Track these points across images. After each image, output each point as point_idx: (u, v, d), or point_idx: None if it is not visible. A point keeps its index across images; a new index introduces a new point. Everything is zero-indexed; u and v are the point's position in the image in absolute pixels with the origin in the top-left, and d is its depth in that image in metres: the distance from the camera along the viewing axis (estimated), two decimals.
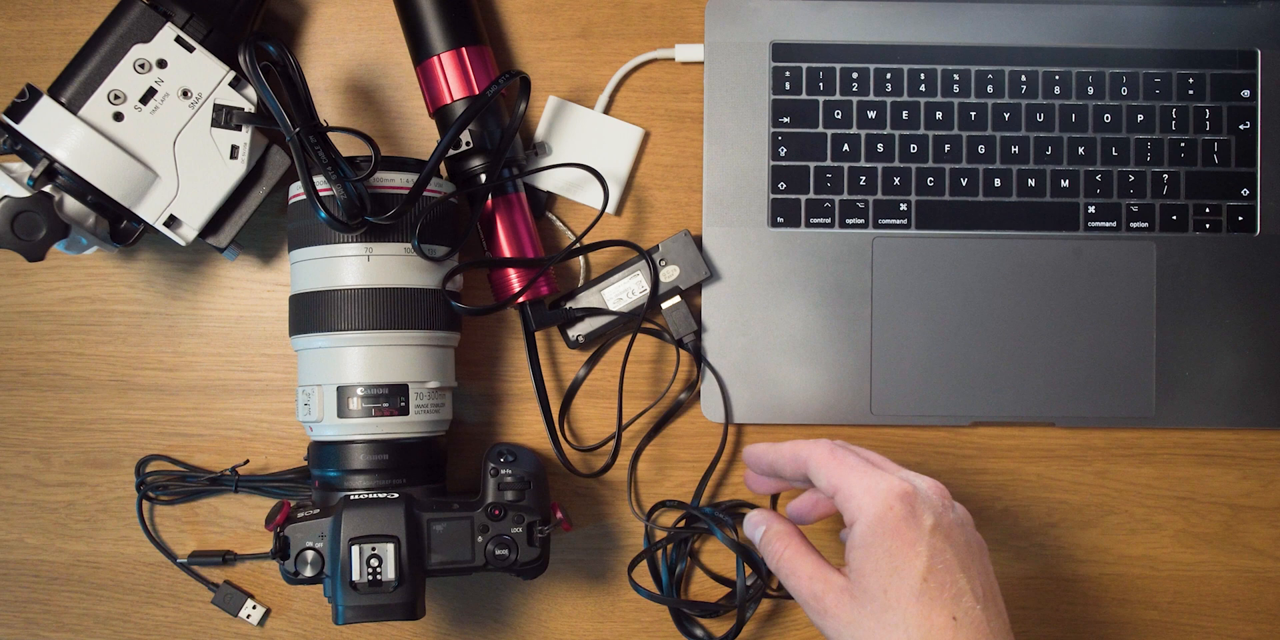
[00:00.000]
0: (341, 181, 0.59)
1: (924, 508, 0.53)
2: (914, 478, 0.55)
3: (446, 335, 0.64)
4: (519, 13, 0.71)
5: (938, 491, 0.54)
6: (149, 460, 0.69)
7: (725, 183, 0.69)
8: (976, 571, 0.53)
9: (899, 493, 0.53)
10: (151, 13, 0.61)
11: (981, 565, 0.54)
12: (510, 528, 0.60)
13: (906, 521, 0.52)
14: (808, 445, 0.57)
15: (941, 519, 0.53)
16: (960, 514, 0.55)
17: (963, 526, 0.54)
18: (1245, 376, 0.69)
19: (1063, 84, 0.70)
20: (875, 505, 0.52)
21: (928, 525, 0.52)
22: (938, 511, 0.53)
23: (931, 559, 0.51)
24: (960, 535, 0.53)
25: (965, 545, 0.53)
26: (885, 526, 0.52)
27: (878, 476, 0.54)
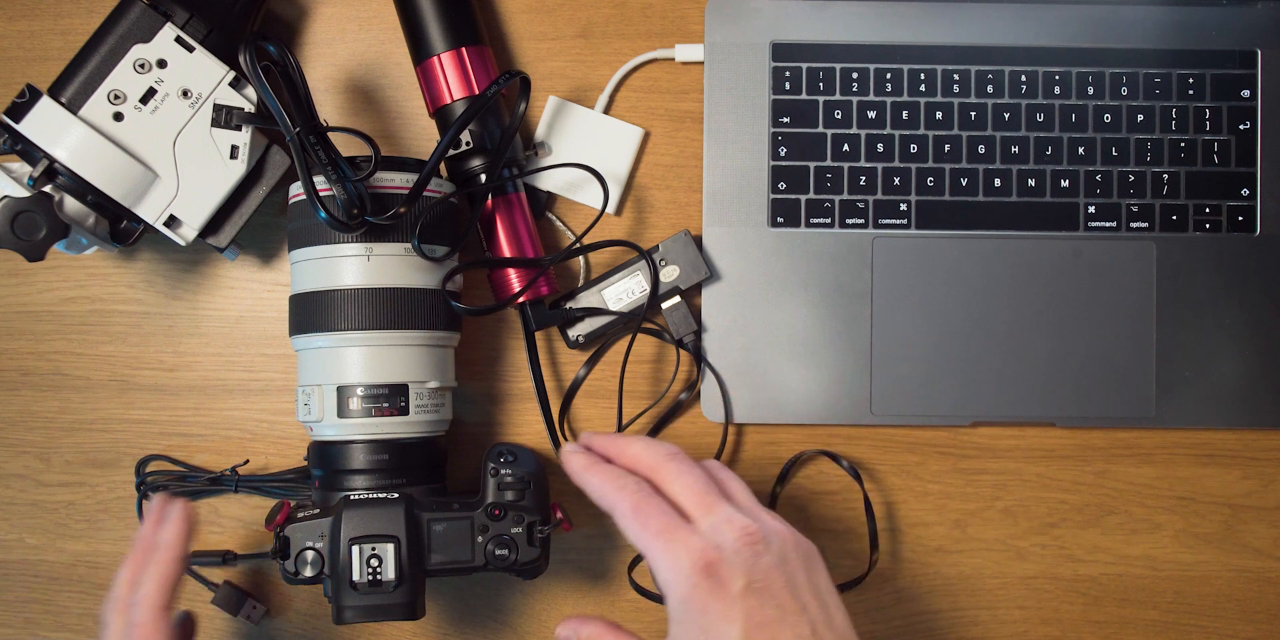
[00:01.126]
0: (341, 181, 0.59)
1: (730, 572, 0.51)
2: (721, 529, 0.52)
3: (446, 335, 0.64)
4: (519, 13, 0.71)
5: (748, 541, 0.52)
6: (149, 460, 0.69)
7: (725, 183, 0.69)
8: (802, 604, 0.51)
9: (701, 566, 0.51)
10: (151, 13, 0.61)
11: (812, 586, 0.53)
12: (510, 528, 0.60)
13: (713, 594, 0.50)
14: (613, 492, 0.54)
15: (754, 574, 0.51)
16: (778, 547, 0.52)
17: (781, 564, 0.52)
18: (1245, 376, 0.69)
19: (1063, 84, 0.70)
20: (679, 584, 0.51)
21: (737, 590, 0.50)
22: (748, 567, 0.51)
23: (747, 623, 0.50)
24: (779, 577, 0.51)
25: (786, 585, 0.51)
26: (693, 605, 0.51)
27: (678, 548, 0.51)
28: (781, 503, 0.70)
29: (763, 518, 0.54)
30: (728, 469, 0.57)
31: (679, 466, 0.55)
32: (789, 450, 0.70)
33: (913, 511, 0.70)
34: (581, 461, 0.56)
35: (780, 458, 0.70)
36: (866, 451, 0.70)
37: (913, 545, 0.70)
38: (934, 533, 0.70)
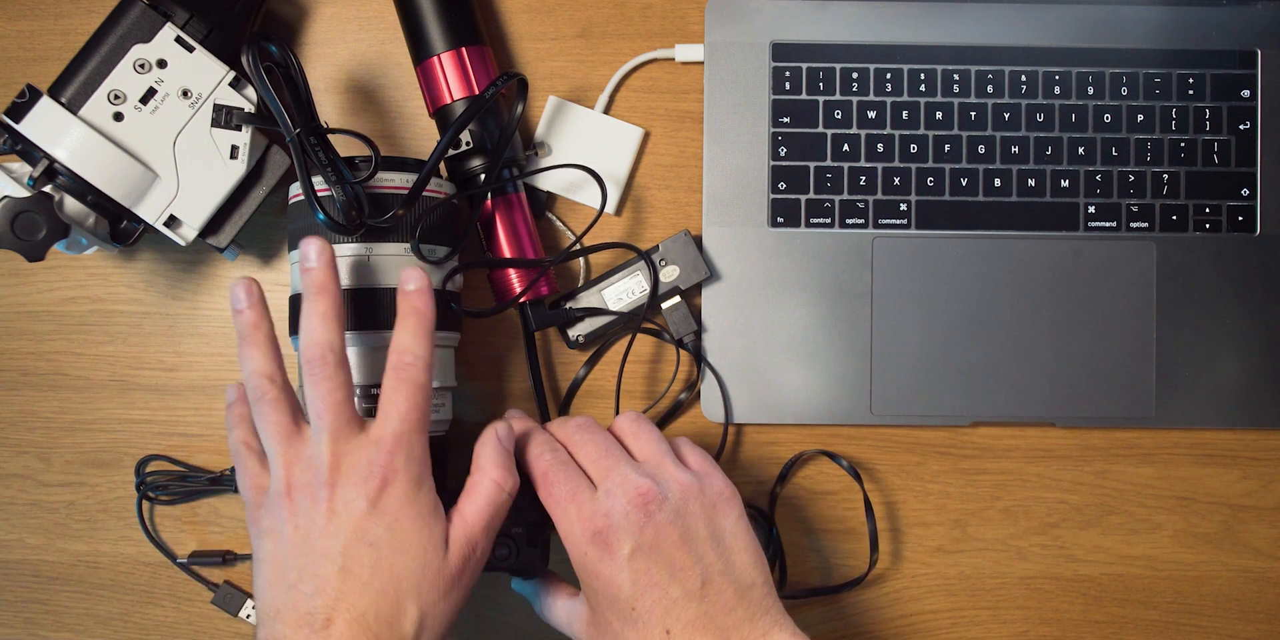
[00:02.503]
0: (340, 183, 0.59)
1: (619, 538, 0.54)
2: (615, 493, 0.55)
3: (446, 336, 0.64)
4: (519, 13, 0.71)
5: (639, 502, 0.54)
6: (149, 460, 0.69)
7: (725, 183, 0.69)
8: (697, 556, 0.54)
9: (589, 536, 0.54)
10: (151, 13, 0.61)
11: (713, 535, 0.55)
12: (510, 528, 0.60)
13: (603, 561, 0.54)
14: (531, 459, 0.58)
15: (642, 537, 0.54)
16: (676, 501, 0.55)
17: (677, 518, 0.55)
18: (1245, 376, 0.69)
19: (1063, 84, 0.70)
20: (575, 551, 0.55)
21: (624, 554, 0.54)
22: (636, 530, 0.54)
23: (634, 586, 0.54)
24: (673, 532, 0.54)
25: (681, 539, 0.54)
26: (588, 570, 0.55)
27: (573, 515, 0.55)
28: (781, 503, 0.70)
29: (663, 470, 0.56)
30: (638, 420, 0.59)
31: (584, 434, 0.58)
32: (789, 450, 0.70)
33: (913, 511, 0.70)
34: (503, 431, 0.58)
35: (780, 458, 0.70)
36: (866, 451, 0.70)
37: (913, 545, 0.70)
38: (934, 533, 0.70)
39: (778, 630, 0.54)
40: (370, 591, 0.52)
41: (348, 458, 0.54)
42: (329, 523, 0.53)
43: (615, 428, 0.60)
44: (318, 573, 0.53)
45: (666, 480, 0.56)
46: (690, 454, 0.59)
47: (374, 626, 0.52)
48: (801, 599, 0.70)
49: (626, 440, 0.59)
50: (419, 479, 0.54)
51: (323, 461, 0.54)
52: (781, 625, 0.55)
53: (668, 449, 0.58)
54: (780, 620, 0.55)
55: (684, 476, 0.56)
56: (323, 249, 0.57)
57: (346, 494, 0.53)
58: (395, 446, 0.54)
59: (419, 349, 0.56)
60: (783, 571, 0.69)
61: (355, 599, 0.52)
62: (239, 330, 0.57)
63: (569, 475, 0.56)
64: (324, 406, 0.54)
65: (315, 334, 0.55)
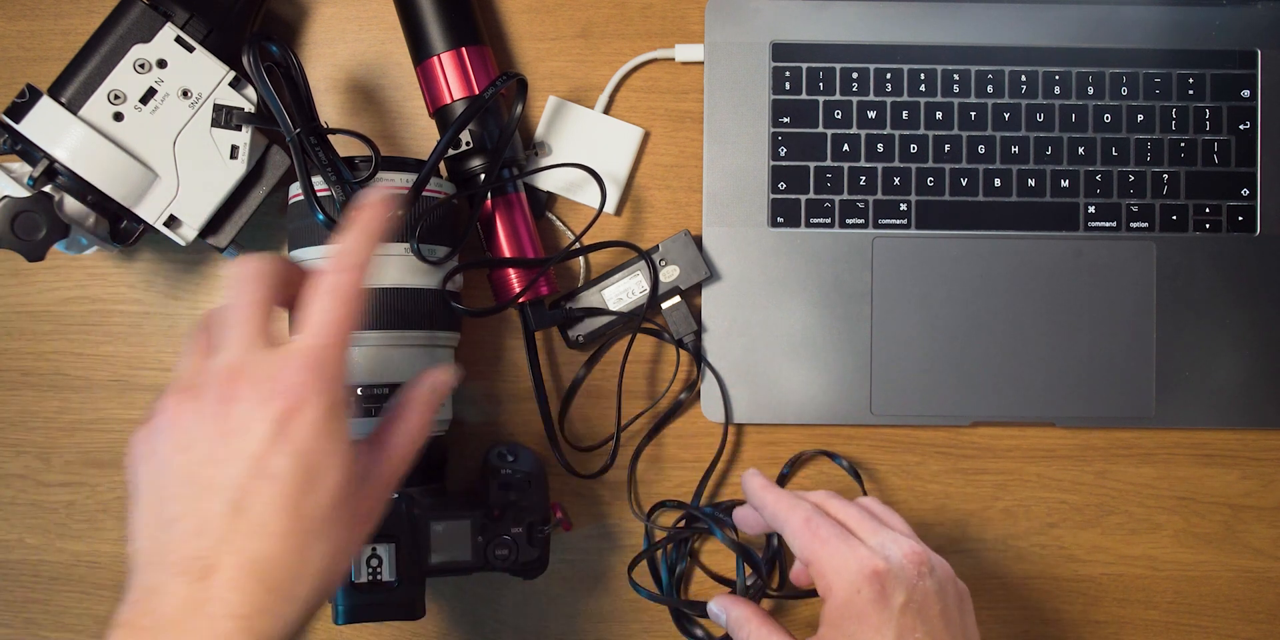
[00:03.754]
0: (340, 183, 0.59)
1: (894, 586, 0.52)
2: (889, 546, 0.53)
3: (446, 336, 0.64)
4: (519, 13, 0.71)
5: (914, 560, 0.53)
6: None
7: (725, 183, 0.69)
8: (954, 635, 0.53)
9: (868, 573, 0.52)
10: (151, 13, 0.61)
11: (963, 624, 0.54)
12: (510, 528, 0.60)
13: (874, 604, 0.51)
14: (785, 510, 0.56)
15: (914, 594, 0.52)
16: (940, 576, 0.54)
17: (940, 592, 0.53)
18: (1245, 376, 0.69)
19: (1063, 84, 0.70)
20: (843, 588, 0.52)
21: (897, 605, 0.51)
22: (910, 586, 0.52)
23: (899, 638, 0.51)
24: (936, 603, 0.52)
25: (941, 613, 0.52)
26: (852, 610, 0.52)
27: (848, 554, 0.53)
28: None
29: (927, 547, 0.55)
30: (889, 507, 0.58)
31: (840, 501, 0.57)
32: (789, 450, 0.70)
33: (913, 511, 0.70)
34: (760, 481, 0.59)
35: (780, 458, 0.70)
36: (866, 451, 0.70)
37: None
38: (934, 533, 0.70)
39: None
40: (267, 535, 0.44)
41: (251, 369, 0.45)
42: (220, 446, 0.44)
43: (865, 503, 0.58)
44: (202, 507, 0.44)
45: (930, 553, 0.54)
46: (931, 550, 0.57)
47: (270, 576, 0.43)
48: (802, 599, 0.70)
49: (882, 516, 0.57)
50: (334, 404, 0.45)
51: (220, 370, 0.45)
52: None
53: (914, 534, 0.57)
54: None
55: (941, 560, 0.55)
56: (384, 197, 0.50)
57: (245, 414, 0.44)
58: (311, 363, 0.45)
59: (357, 257, 0.48)
60: (783, 572, 0.69)
61: (246, 542, 0.43)
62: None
63: (833, 524, 0.55)
64: (242, 304, 0.47)
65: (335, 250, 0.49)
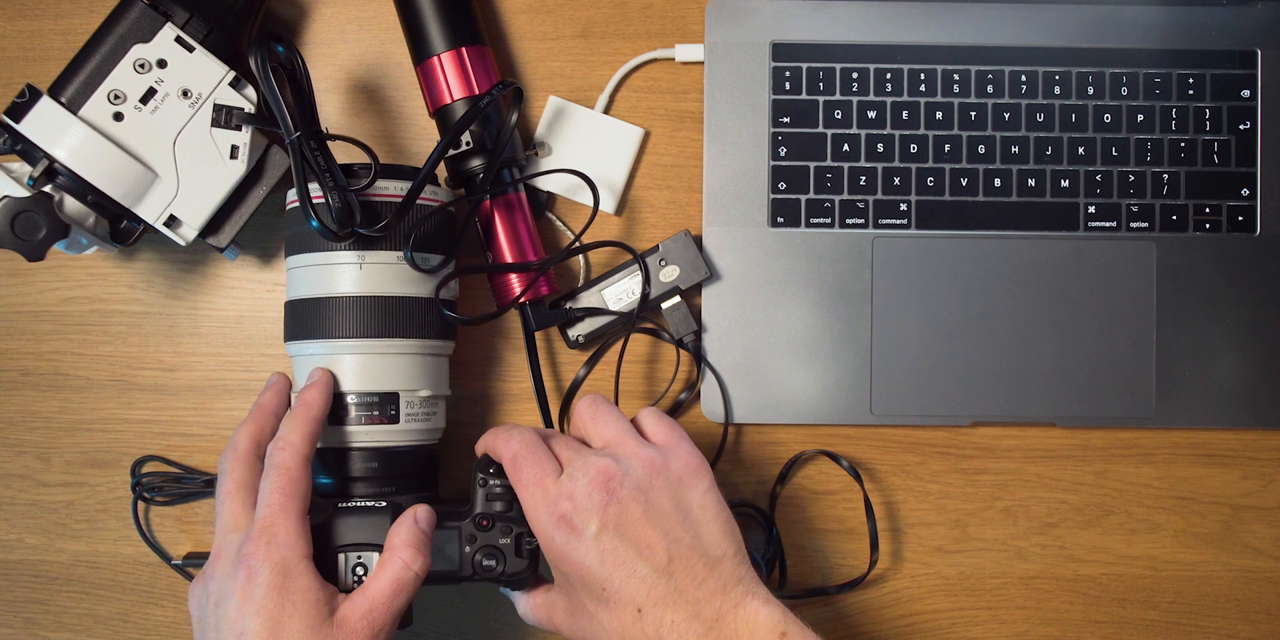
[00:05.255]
0: (336, 190, 0.59)
1: (583, 519, 0.54)
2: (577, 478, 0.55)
3: (440, 344, 0.63)
4: (519, 13, 0.71)
5: (600, 482, 0.55)
6: (144, 461, 0.69)
7: (725, 183, 0.69)
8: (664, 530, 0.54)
9: (555, 519, 0.55)
10: (151, 13, 0.61)
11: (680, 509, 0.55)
12: (498, 538, 0.60)
13: (569, 545, 0.54)
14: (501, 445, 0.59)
15: (606, 516, 0.54)
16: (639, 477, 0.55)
17: (639, 494, 0.55)
18: (1245, 376, 0.69)
19: (1063, 84, 0.70)
20: (543, 536, 0.56)
21: (590, 534, 0.54)
22: (600, 511, 0.54)
23: (602, 567, 0.54)
24: (638, 507, 0.54)
25: (645, 513, 0.54)
26: (555, 555, 0.56)
27: (539, 498, 0.56)
28: (781, 503, 0.70)
29: (624, 449, 0.57)
30: (596, 404, 0.59)
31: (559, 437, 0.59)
32: (789, 450, 0.70)
33: (913, 511, 0.70)
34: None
35: (780, 458, 0.70)
36: (866, 451, 0.70)
37: (913, 545, 0.70)
38: (934, 533, 0.70)
39: (750, 599, 0.54)
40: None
41: (225, 550, 0.56)
42: (213, 615, 0.54)
43: (575, 418, 0.60)
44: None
45: (628, 458, 0.56)
46: (656, 427, 0.59)
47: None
48: (802, 599, 0.70)
49: (586, 428, 0.59)
50: (286, 563, 0.54)
51: (211, 556, 0.56)
52: (754, 593, 0.55)
53: (628, 427, 0.58)
54: (754, 589, 0.55)
55: (646, 452, 0.56)
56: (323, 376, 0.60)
57: (221, 587, 0.54)
58: (259, 534, 0.54)
59: (293, 436, 0.57)
60: (783, 572, 0.69)
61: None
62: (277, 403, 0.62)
63: (537, 459, 0.57)
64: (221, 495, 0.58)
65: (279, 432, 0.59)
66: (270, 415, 0.60)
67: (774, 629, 0.54)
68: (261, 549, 0.54)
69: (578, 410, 0.60)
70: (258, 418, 0.60)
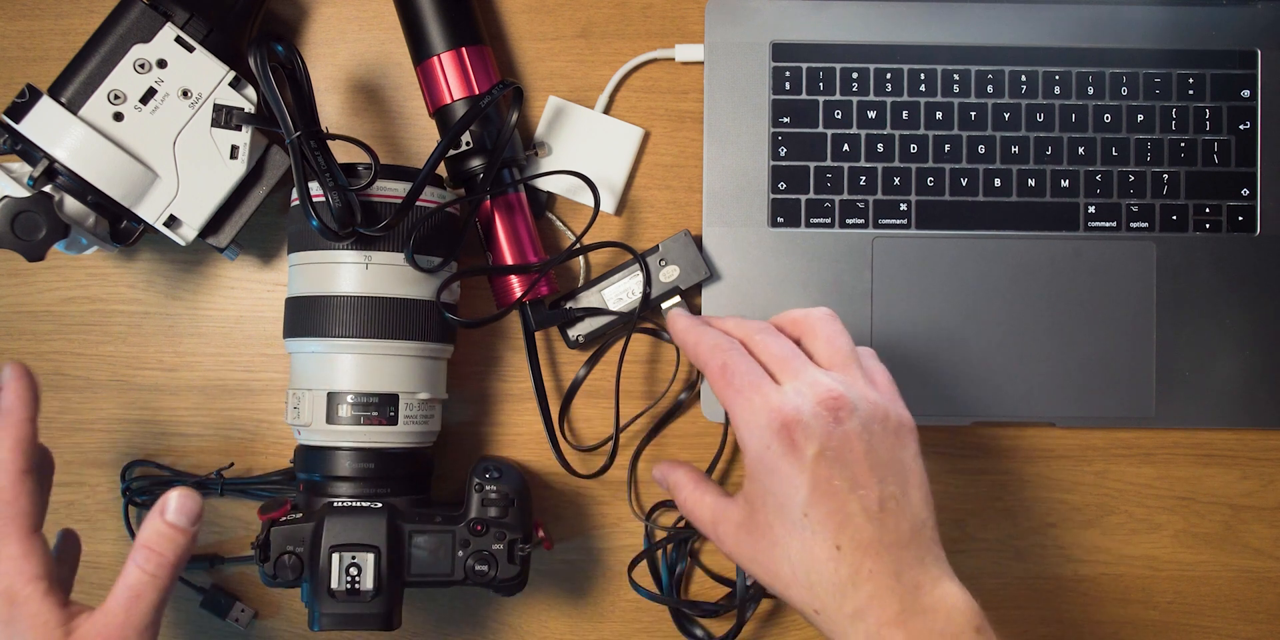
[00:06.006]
0: (336, 190, 0.59)
1: (805, 436, 0.51)
2: (804, 391, 0.52)
3: (440, 347, 0.63)
4: (519, 13, 0.71)
5: (829, 404, 0.51)
6: (134, 465, 0.69)
7: (725, 183, 0.69)
8: (879, 477, 0.51)
9: (776, 428, 0.51)
10: (151, 13, 0.61)
11: (894, 460, 0.52)
12: (491, 544, 0.60)
13: (785, 458, 0.51)
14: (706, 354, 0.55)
15: (829, 441, 0.51)
16: (865, 414, 0.52)
17: (864, 432, 0.51)
18: (1245, 376, 0.69)
19: (1063, 84, 0.70)
20: (754, 442, 0.52)
21: (809, 455, 0.50)
22: (825, 434, 0.51)
23: (812, 491, 0.50)
24: (859, 445, 0.51)
25: (865, 454, 0.51)
26: (764, 465, 0.52)
27: (759, 405, 0.52)
28: None
29: (853, 382, 0.53)
30: (834, 320, 0.56)
31: (767, 336, 0.55)
32: None
33: None
34: (685, 322, 0.57)
35: None
36: None
37: None
38: None
39: (948, 580, 0.51)
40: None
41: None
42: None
43: (806, 323, 0.56)
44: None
45: (857, 391, 0.52)
46: (878, 373, 0.55)
47: None
48: None
49: (815, 341, 0.55)
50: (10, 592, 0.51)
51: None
52: (950, 575, 0.51)
53: (858, 359, 0.54)
54: (948, 570, 0.51)
55: (872, 394, 0.53)
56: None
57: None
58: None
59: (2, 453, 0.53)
60: None
61: None
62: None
63: (751, 367, 0.53)
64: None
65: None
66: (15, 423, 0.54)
67: (972, 620, 0.50)
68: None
69: (813, 317, 0.55)
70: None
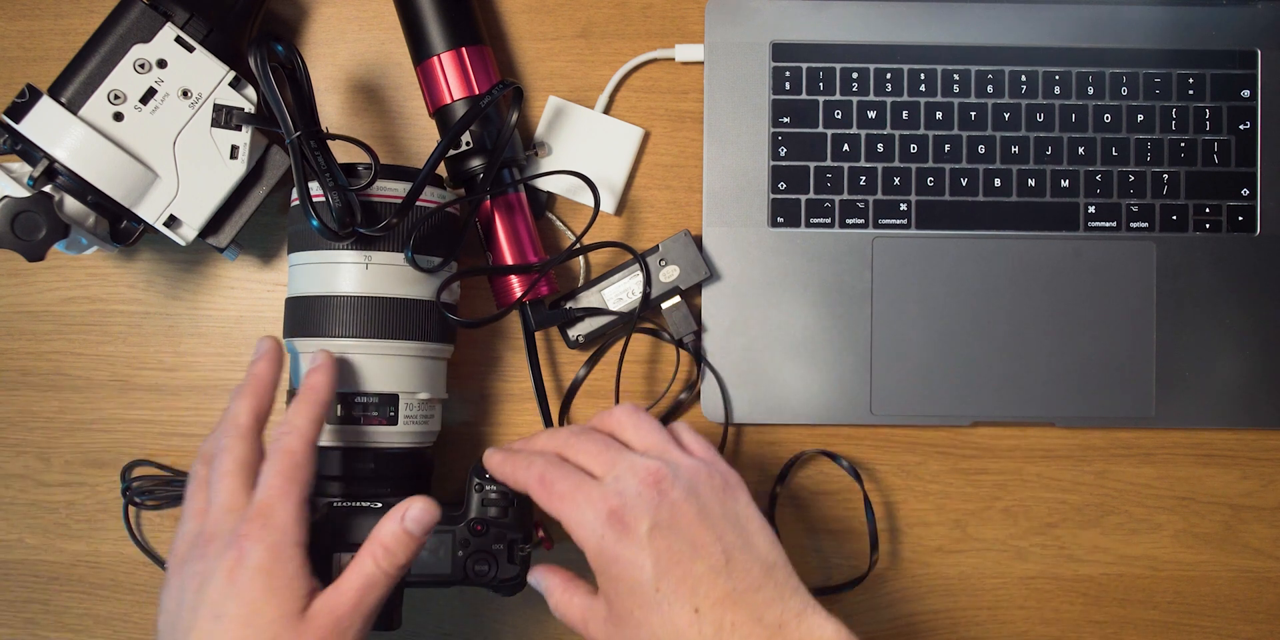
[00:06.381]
0: (336, 190, 0.59)
1: (636, 517, 0.52)
2: (624, 477, 0.53)
3: (440, 347, 0.63)
4: (519, 13, 0.71)
5: (650, 481, 0.53)
6: (134, 465, 0.69)
7: (725, 183, 0.69)
8: (716, 534, 0.52)
9: (605, 517, 0.52)
10: (151, 13, 0.61)
11: (728, 514, 0.53)
12: (491, 544, 0.60)
13: (621, 542, 0.52)
14: (521, 473, 0.56)
15: (659, 514, 0.52)
16: (688, 479, 0.53)
17: (691, 496, 0.53)
18: (1245, 376, 0.69)
19: (1063, 84, 0.70)
20: (590, 539, 0.53)
21: (643, 532, 0.52)
22: (653, 508, 0.52)
23: (656, 564, 0.51)
24: (690, 507, 0.52)
25: (698, 516, 0.52)
26: (606, 556, 0.52)
27: (583, 504, 0.53)
28: (781, 503, 0.70)
29: (669, 455, 0.55)
30: (636, 412, 0.57)
31: (577, 437, 0.56)
32: (789, 450, 0.70)
33: (913, 511, 0.70)
34: (498, 457, 0.58)
35: (780, 458, 0.70)
36: (866, 451, 0.70)
37: (913, 545, 0.70)
38: (934, 533, 0.70)
39: (811, 611, 0.52)
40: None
41: (218, 530, 0.54)
42: (194, 595, 0.53)
43: (611, 420, 0.58)
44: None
45: (674, 462, 0.54)
46: (692, 442, 0.57)
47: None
48: None
49: (625, 432, 0.57)
50: (278, 548, 0.52)
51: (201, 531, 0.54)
52: (813, 605, 0.52)
53: (669, 437, 0.57)
54: (810, 601, 0.53)
55: (690, 460, 0.55)
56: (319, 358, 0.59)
57: (209, 567, 0.53)
58: (256, 515, 0.53)
59: (299, 421, 0.56)
60: None
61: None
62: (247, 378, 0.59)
63: (568, 472, 0.55)
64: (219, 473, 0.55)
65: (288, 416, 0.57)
66: (268, 387, 0.59)
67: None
68: (257, 531, 0.52)
69: (616, 414, 0.58)
70: (256, 390, 0.58)
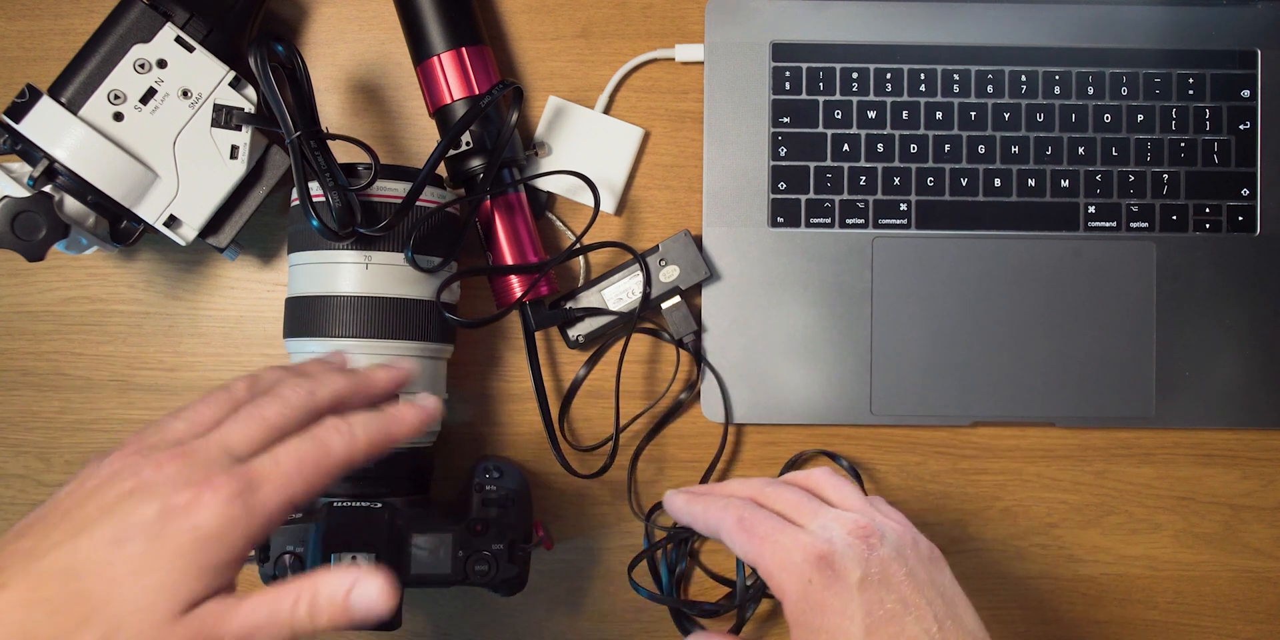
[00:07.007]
0: (336, 190, 0.59)
1: (845, 564, 0.49)
2: (830, 526, 0.50)
3: (440, 347, 0.63)
4: (519, 13, 0.71)
5: (859, 533, 0.50)
6: None
7: (725, 183, 0.69)
8: (928, 597, 0.49)
9: (814, 561, 0.49)
10: (151, 13, 0.61)
11: (935, 583, 0.50)
12: (491, 544, 0.60)
13: (830, 589, 0.48)
14: (716, 516, 0.53)
15: (870, 566, 0.49)
16: (896, 541, 0.50)
17: (899, 557, 0.50)
18: (1245, 376, 0.69)
19: (1063, 84, 0.70)
20: (794, 584, 0.49)
21: (854, 581, 0.48)
22: (864, 559, 0.49)
23: (868, 616, 0.48)
24: (899, 568, 0.49)
25: (908, 575, 0.49)
26: (810, 603, 0.49)
27: (789, 547, 0.50)
28: None
29: (875, 515, 0.52)
30: (836, 474, 0.55)
31: (776, 487, 0.54)
32: (789, 450, 0.70)
33: (913, 511, 0.70)
34: (683, 497, 0.55)
35: (780, 458, 0.70)
36: (866, 451, 0.70)
37: None
38: (934, 533, 0.70)
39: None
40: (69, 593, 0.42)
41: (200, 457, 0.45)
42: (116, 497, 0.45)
43: (809, 479, 0.55)
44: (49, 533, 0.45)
45: (880, 522, 0.51)
46: (891, 511, 0.54)
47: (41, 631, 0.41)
48: None
49: (825, 491, 0.54)
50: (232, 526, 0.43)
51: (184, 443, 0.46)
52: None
53: (870, 503, 0.54)
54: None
55: (895, 524, 0.52)
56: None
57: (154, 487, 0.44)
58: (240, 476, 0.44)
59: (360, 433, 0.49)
60: None
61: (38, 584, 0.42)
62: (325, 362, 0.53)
63: (769, 516, 0.51)
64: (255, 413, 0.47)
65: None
66: (366, 398, 0.51)
67: None
68: (227, 493, 0.43)
69: (814, 475, 0.55)
70: (359, 389, 0.51)
